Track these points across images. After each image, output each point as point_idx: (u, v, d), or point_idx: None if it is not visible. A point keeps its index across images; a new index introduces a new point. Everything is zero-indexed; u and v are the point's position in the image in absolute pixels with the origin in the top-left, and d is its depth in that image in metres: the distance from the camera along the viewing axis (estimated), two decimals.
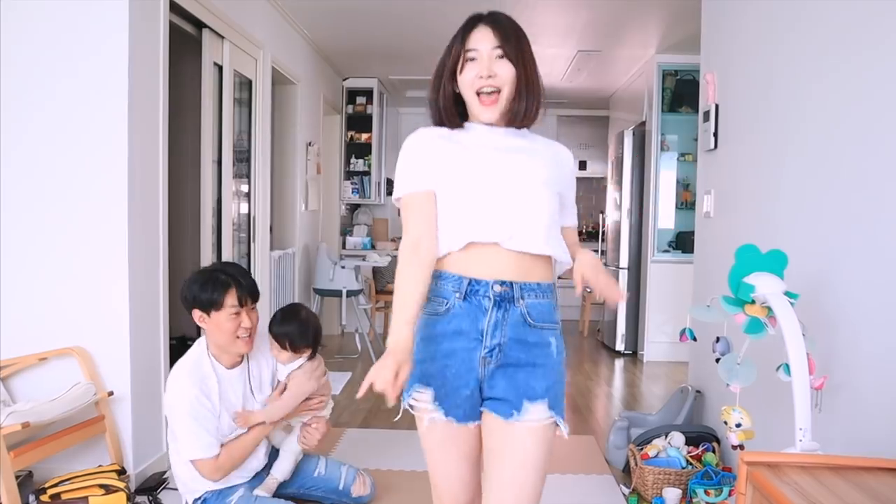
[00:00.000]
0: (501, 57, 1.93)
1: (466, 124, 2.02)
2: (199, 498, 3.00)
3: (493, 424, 1.94)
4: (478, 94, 1.94)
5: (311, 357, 3.19)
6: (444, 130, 2.01)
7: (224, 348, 2.91)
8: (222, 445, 2.91)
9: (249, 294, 2.96)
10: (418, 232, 1.93)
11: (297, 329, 3.12)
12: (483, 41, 1.94)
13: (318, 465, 3.28)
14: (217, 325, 2.87)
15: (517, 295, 1.91)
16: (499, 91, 1.93)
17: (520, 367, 1.92)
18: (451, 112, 2.01)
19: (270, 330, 3.15)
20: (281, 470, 3.17)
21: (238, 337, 2.89)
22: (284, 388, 3.12)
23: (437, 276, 1.94)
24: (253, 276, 5.20)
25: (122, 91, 3.38)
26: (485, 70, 1.91)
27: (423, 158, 1.97)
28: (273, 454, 3.24)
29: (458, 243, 1.90)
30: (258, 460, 3.12)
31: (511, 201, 1.91)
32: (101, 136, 3.39)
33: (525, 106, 1.97)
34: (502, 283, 1.89)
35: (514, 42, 1.95)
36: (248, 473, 3.09)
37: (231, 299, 2.87)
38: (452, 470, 2.02)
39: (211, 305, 2.85)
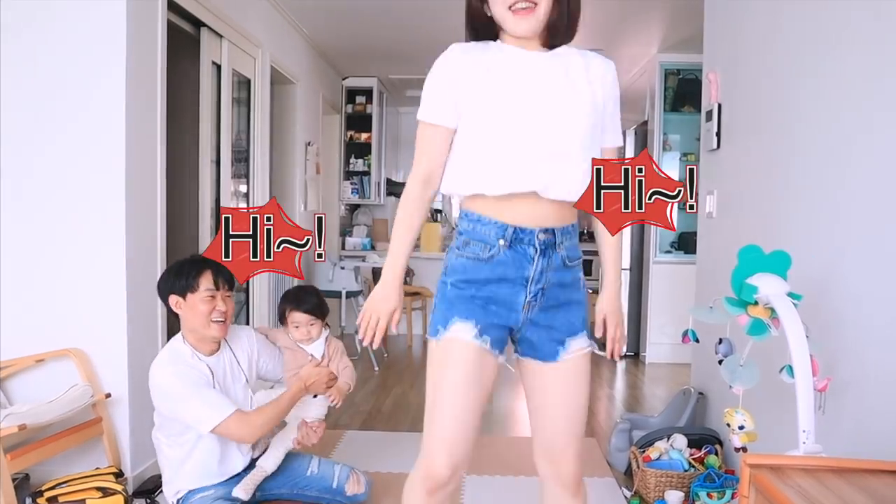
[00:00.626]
0: None
1: (499, 44, 1.97)
2: (181, 497, 2.99)
3: (537, 367, 2.04)
4: (510, 9, 1.87)
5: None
6: (477, 51, 1.95)
7: (198, 333, 2.92)
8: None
9: (226, 280, 2.97)
10: (430, 167, 1.96)
11: (315, 296, 3.26)
12: None
13: (311, 465, 3.28)
14: (192, 307, 2.89)
15: (558, 240, 1.96)
16: (535, 4, 1.86)
17: (559, 306, 2.01)
18: (482, 27, 1.97)
19: (294, 309, 3.18)
20: (269, 462, 3.14)
21: (213, 321, 2.90)
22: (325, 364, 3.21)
23: (476, 220, 1.95)
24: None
25: (119, 90, 3.38)
26: None
27: (450, 85, 1.92)
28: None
29: (494, 189, 1.89)
30: (239, 462, 3.08)
31: (549, 148, 1.88)
32: (98, 135, 3.39)
33: (566, 20, 1.92)
34: (546, 230, 1.93)
35: None
36: (224, 474, 3.03)
37: (206, 281, 2.90)
38: (469, 406, 1.96)
39: (186, 288, 2.88)
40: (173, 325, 4.06)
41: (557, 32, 1.93)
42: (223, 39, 4.65)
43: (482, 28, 1.98)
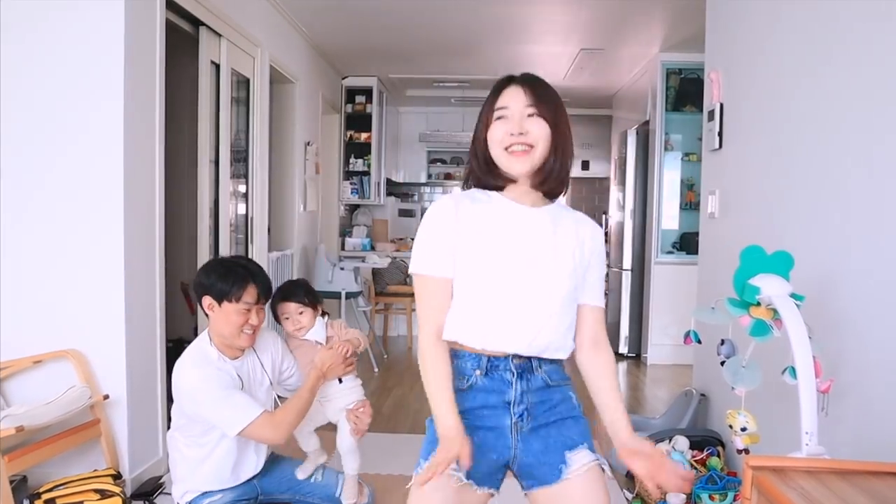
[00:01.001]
0: (533, 115, 1.89)
1: (493, 199, 1.97)
2: (191, 500, 2.96)
3: (546, 495, 1.97)
4: (507, 149, 1.89)
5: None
6: (467, 201, 1.96)
7: (226, 340, 2.88)
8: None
9: (266, 294, 2.96)
10: (438, 322, 1.93)
11: (303, 285, 3.21)
12: (514, 99, 1.90)
13: (316, 471, 3.26)
14: (226, 315, 2.83)
15: (535, 364, 1.95)
16: (532, 147, 1.89)
17: (551, 424, 1.97)
18: (485, 175, 1.97)
19: (285, 301, 3.15)
20: (351, 466, 3.20)
21: (243, 332, 2.88)
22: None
23: (455, 355, 1.94)
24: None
25: (117, 90, 3.39)
26: (516, 127, 1.88)
27: (447, 235, 1.92)
28: (271, 462, 3.21)
29: (473, 344, 1.91)
30: (252, 466, 3.06)
31: (531, 308, 1.89)
32: (96, 135, 3.39)
33: (559, 167, 1.93)
34: (520, 356, 1.92)
35: (548, 103, 1.92)
36: (236, 479, 3.00)
37: (248, 295, 2.85)
38: None
39: (226, 296, 2.83)
40: (172, 326, 4.07)
41: (550, 179, 1.94)
42: (222, 38, 4.65)
43: (484, 169, 1.98)
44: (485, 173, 1.98)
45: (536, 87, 1.92)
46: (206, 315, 2.90)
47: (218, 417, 2.79)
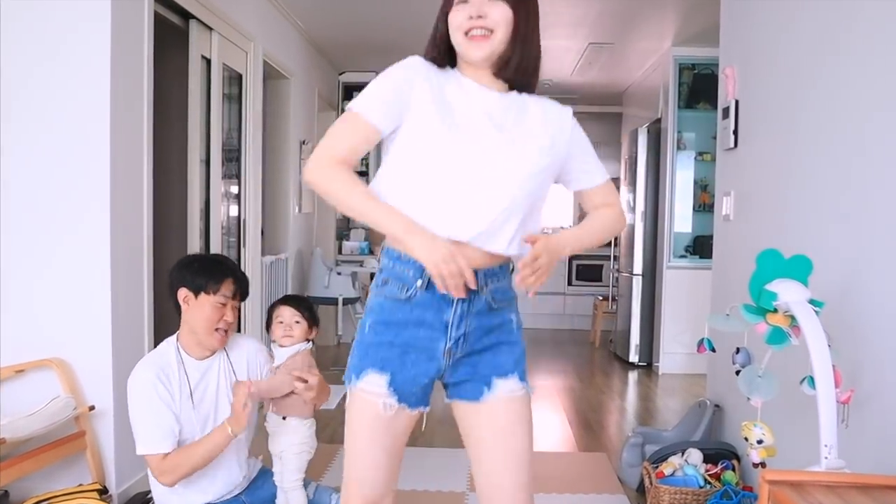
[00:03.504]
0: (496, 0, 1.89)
1: (460, 77, 1.98)
2: None
3: (466, 410, 2.05)
4: (466, 34, 1.90)
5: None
6: (435, 70, 1.97)
7: (198, 337, 2.92)
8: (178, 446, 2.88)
9: (243, 291, 3.00)
10: (349, 160, 1.96)
11: (309, 303, 3.22)
12: None
13: (308, 490, 3.24)
14: (200, 309, 2.89)
15: (481, 283, 1.93)
16: (491, 32, 1.89)
17: (484, 350, 2.00)
18: (444, 49, 1.99)
19: (286, 304, 3.14)
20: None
21: (216, 329, 2.91)
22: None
23: (395, 257, 1.95)
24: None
25: (103, 86, 3.39)
26: (475, 10, 1.88)
27: (399, 92, 1.92)
28: (260, 477, 3.20)
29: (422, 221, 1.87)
30: (231, 476, 3.05)
31: (490, 198, 1.88)
32: (81, 134, 3.39)
33: (518, 59, 1.94)
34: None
35: None
36: (218, 490, 3.01)
37: (226, 288, 2.91)
38: (380, 455, 2.02)
39: (203, 288, 2.88)
40: (160, 333, 4.07)
41: (519, 75, 1.96)
42: (213, 32, 4.65)
43: (446, 53, 2.00)
44: (445, 62, 2.00)
45: None
46: (179, 310, 2.96)
47: (134, 428, 2.87)
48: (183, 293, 2.92)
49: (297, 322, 3.11)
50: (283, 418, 3.08)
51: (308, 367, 3.07)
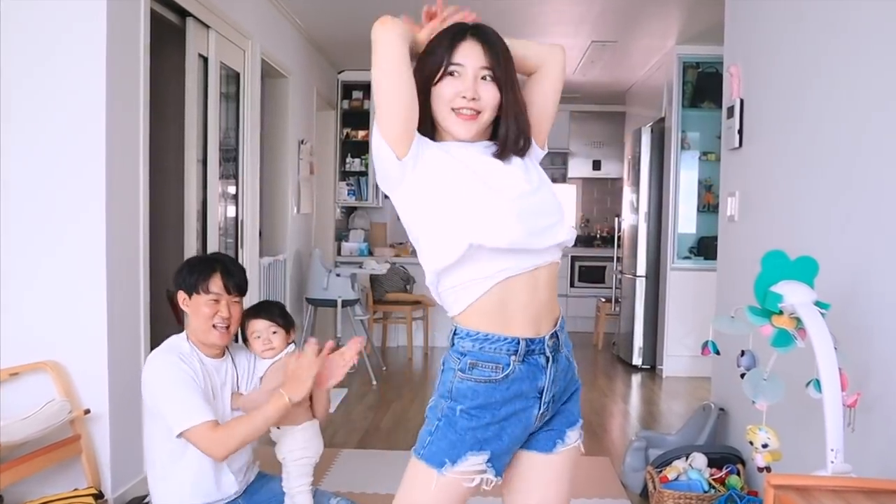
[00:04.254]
0: (486, 79, 1.91)
1: (450, 144, 1.98)
2: None
3: (530, 460, 2.05)
4: (454, 111, 1.91)
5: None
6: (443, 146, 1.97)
7: (200, 336, 2.92)
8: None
9: (235, 285, 2.98)
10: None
11: (278, 306, 3.15)
12: (471, 57, 1.91)
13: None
14: (196, 308, 2.90)
15: (562, 340, 2.01)
16: (479, 113, 1.91)
17: (564, 403, 2.06)
18: (430, 130, 1.98)
19: (257, 317, 3.11)
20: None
21: (214, 325, 2.91)
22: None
23: (482, 339, 1.91)
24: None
25: (99, 85, 3.40)
26: (469, 91, 1.89)
27: (416, 145, 1.92)
28: (257, 481, 3.20)
29: (494, 240, 1.84)
30: (230, 481, 3.05)
31: (529, 204, 1.91)
32: (76, 133, 3.40)
33: (515, 132, 1.97)
34: (552, 335, 1.96)
35: (503, 64, 1.94)
36: (217, 494, 3.00)
37: (214, 285, 2.90)
38: None
39: (194, 288, 2.89)
40: (157, 336, 4.07)
41: (508, 145, 1.98)
42: (210, 30, 4.66)
43: (429, 124, 1.98)
44: (420, 124, 1.96)
45: (494, 46, 1.94)
46: (179, 318, 2.95)
47: (167, 410, 2.79)
48: (181, 296, 2.92)
49: (275, 332, 3.04)
50: (278, 427, 3.07)
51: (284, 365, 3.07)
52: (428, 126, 1.97)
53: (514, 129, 1.96)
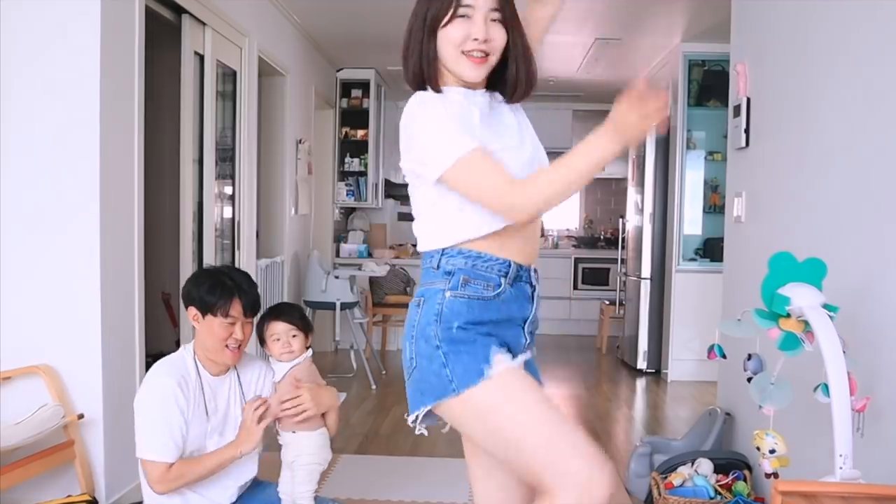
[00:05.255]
0: (495, 21, 1.94)
1: (463, 90, 2.03)
2: None
3: None
4: (464, 53, 1.95)
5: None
6: (448, 98, 2.02)
7: (210, 354, 2.93)
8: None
9: (251, 306, 2.98)
10: (507, 174, 1.90)
11: (300, 310, 3.19)
12: None
13: None
14: (209, 328, 2.89)
15: (538, 277, 2.09)
16: (489, 55, 1.96)
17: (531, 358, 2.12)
18: (436, 76, 2.03)
19: (277, 319, 3.10)
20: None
21: (227, 346, 2.91)
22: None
23: (475, 257, 1.97)
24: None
25: (93, 83, 3.40)
26: (480, 32, 1.92)
27: (458, 120, 1.94)
28: (253, 487, 3.20)
29: (499, 221, 1.94)
30: (226, 489, 3.05)
31: (531, 167, 1.99)
32: (69, 133, 3.40)
33: (525, 73, 2.03)
34: (535, 269, 2.07)
35: (510, 5, 1.98)
36: (211, 501, 3.02)
37: (234, 310, 2.90)
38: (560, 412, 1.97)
39: (210, 309, 2.88)
40: (152, 339, 4.07)
41: (519, 90, 2.06)
42: (206, 27, 4.66)
43: (437, 71, 2.03)
44: (430, 70, 2.03)
45: None
46: (193, 327, 2.95)
47: (138, 432, 2.87)
48: (192, 312, 2.92)
49: (294, 336, 3.06)
50: (293, 432, 3.08)
51: (311, 377, 3.08)
52: (432, 69, 2.02)
53: (523, 70, 2.02)
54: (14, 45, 3.38)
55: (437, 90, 2.02)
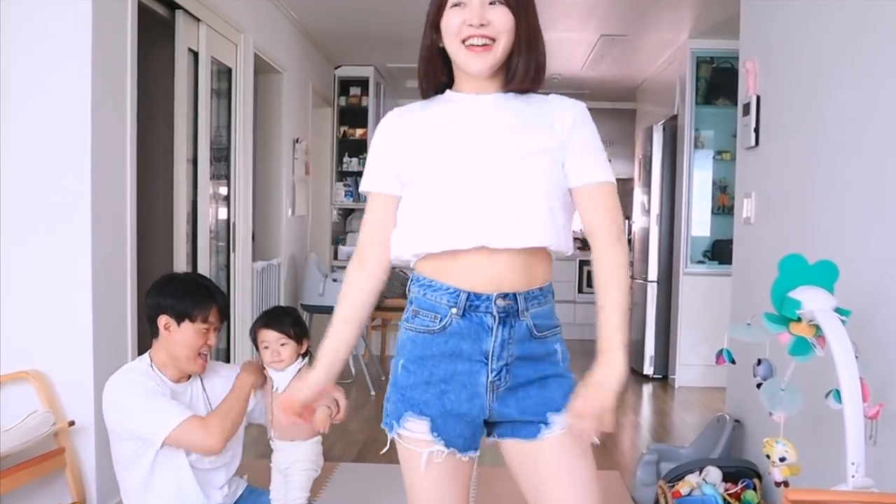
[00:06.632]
0: (495, 3, 1.85)
1: (450, 94, 1.98)
2: None
3: (523, 450, 1.97)
4: (464, 43, 1.86)
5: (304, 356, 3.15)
6: (416, 111, 1.99)
7: (177, 363, 2.92)
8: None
9: (224, 313, 3.00)
10: (363, 241, 2.07)
11: (292, 315, 3.17)
12: None
13: None
14: (184, 336, 2.89)
15: (521, 307, 1.89)
16: (493, 41, 1.85)
17: (531, 383, 1.94)
18: (432, 73, 1.98)
19: (267, 328, 3.10)
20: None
21: (199, 354, 2.92)
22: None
23: (426, 286, 1.94)
24: (231, 289, 5.23)
25: (84, 81, 3.40)
26: (475, 17, 1.83)
27: (386, 151, 1.98)
28: (247, 496, 3.20)
29: (436, 245, 1.88)
30: (216, 496, 3.05)
31: (494, 191, 1.85)
32: (60, 133, 3.40)
33: (526, 65, 1.91)
34: (504, 295, 1.87)
35: None
36: None
37: (212, 315, 2.91)
38: (440, 498, 1.98)
39: (188, 315, 2.88)
40: (145, 343, 4.07)
41: (518, 76, 1.92)
42: (201, 24, 4.67)
43: (441, 67, 1.98)
44: (436, 70, 1.97)
45: None
46: (154, 336, 2.95)
47: (143, 423, 2.83)
48: (164, 321, 2.90)
49: (284, 344, 3.05)
50: (291, 440, 3.08)
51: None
52: (445, 75, 1.97)
53: (523, 59, 1.90)
54: (3, 41, 3.38)
55: (432, 91, 2.00)
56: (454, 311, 1.88)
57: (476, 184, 1.86)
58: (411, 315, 1.97)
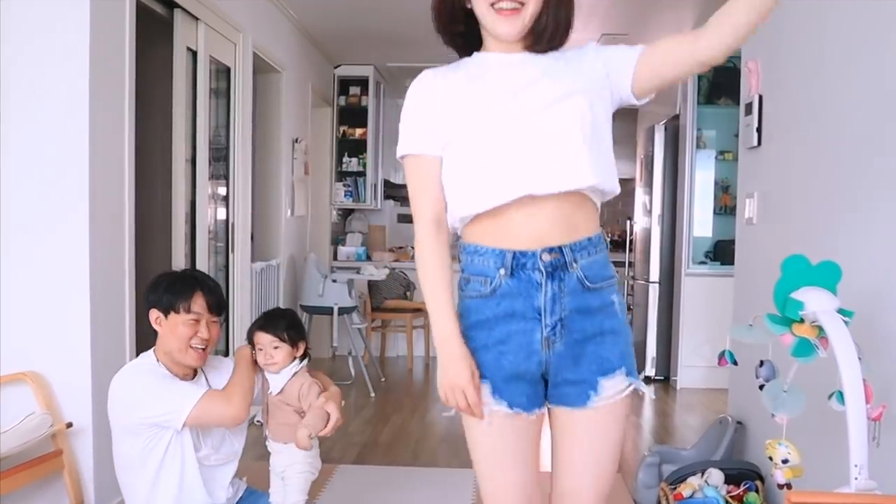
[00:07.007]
0: None
1: (478, 56, 2.01)
2: None
3: (567, 415, 2.02)
4: (492, 5, 1.88)
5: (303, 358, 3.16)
6: (450, 71, 2.01)
7: (174, 357, 2.92)
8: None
9: (216, 304, 2.99)
10: (436, 209, 1.99)
11: (289, 318, 3.17)
12: None
13: None
14: (172, 328, 2.89)
15: (569, 259, 1.92)
16: (522, 5, 1.88)
17: (587, 339, 1.96)
18: (448, 20, 2.01)
19: (261, 330, 3.11)
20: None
21: (191, 346, 2.91)
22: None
23: (472, 251, 1.96)
24: (229, 289, 5.22)
25: (82, 81, 3.40)
26: None
27: (424, 111, 1.99)
28: (246, 498, 3.20)
29: (485, 203, 1.90)
30: (217, 498, 3.05)
31: (533, 139, 1.89)
32: (57, 133, 3.40)
33: (554, 25, 1.94)
34: (550, 249, 1.90)
35: None
36: None
37: (197, 305, 2.91)
38: (515, 473, 2.02)
39: (172, 307, 2.89)
40: (143, 344, 4.07)
41: (545, 37, 1.95)
42: (199, 23, 4.66)
43: (464, 29, 2.01)
44: (460, 33, 2.01)
45: None
46: (155, 334, 2.96)
47: (161, 407, 2.83)
48: (154, 315, 2.92)
49: (277, 347, 3.05)
50: (286, 443, 3.08)
51: (307, 394, 3.06)
52: (475, 36, 2.00)
53: (552, 16, 1.93)
54: (1, 40, 3.37)
55: (461, 54, 2.05)
56: (502, 271, 1.92)
57: (515, 136, 1.89)
58: (464, 282, 2.00)
